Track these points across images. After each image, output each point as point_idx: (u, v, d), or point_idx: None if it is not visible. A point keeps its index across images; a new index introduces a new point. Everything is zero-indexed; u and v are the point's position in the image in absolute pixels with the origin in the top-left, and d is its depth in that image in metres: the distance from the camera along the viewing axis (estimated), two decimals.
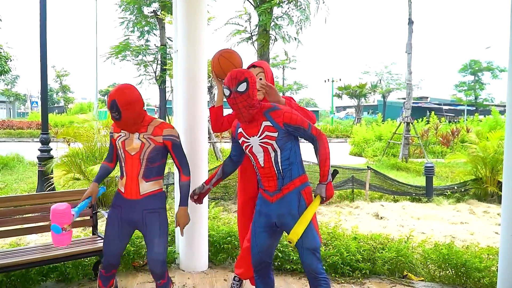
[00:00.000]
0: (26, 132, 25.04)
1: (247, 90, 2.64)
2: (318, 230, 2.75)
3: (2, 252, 3.59)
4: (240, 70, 2.69)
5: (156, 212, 2.87)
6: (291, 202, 2.71)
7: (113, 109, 2.69)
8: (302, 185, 2.74)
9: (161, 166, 2.93)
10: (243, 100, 2.64)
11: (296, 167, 2.75)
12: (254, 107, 2.68)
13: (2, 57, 15.02)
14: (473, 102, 43.15)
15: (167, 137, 2.84)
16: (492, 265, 3.98)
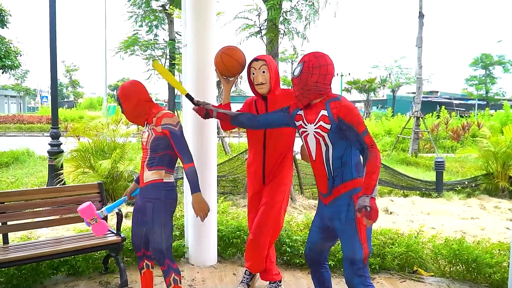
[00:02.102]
0: (36, 126, 25.22)
1: (300, 74, 2.58)
2: (364, 241, 2.51)
3: (13, 245, 3.63)
4: (307, 54, 2.62)
5: (150, 202, 2.91)
6: (341, 206, 2.55)
7: (117, 102, 3.00)
8: (355, 189, 2.54)
9: (163, 157, 2.92)
10: (297, 84, 2.61)
11: (349, 169, 2.56)
12: (309, 93, 2.58)
13: (12, 52, 15.09)
14: (484, 96, 42.73)
15: (165, 126, 2.87)
16: (504, 260, 3.95)
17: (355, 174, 2.56)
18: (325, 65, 2.56)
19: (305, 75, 2.56)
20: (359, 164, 2.59)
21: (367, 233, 2.52)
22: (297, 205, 7.45)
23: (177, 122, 2.89)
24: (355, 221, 2.50)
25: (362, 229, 2.50)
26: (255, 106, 3.36)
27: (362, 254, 2.50)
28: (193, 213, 4.17)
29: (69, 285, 3.78)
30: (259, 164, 3.36)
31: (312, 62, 2.55)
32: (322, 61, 2.56)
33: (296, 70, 2.61)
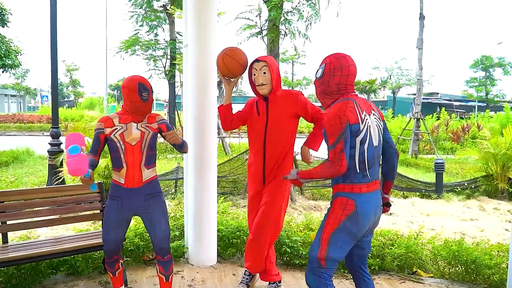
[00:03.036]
0: (36, 126, 25.23)
1: (322, 76, 2.57)
2: (324, 242, 2.51)
3: (13, 245, 3.62)
4: (329, 55, 2.61)
5: (157, 195, 3.10)
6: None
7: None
8: (336, 194, 2.55)
9: (155, 153, 3.14)
10: (319, 86, 2.60)
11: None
12: (332, 94, 2.56)
13: (12, 51, 15.08)
14: (484, 98, 42.73)
15: (161, 121, 3.12)
16: (502, 262, 3.95)
17: (340, 179, 2.53)
18: (346, 66, 2.54)
19: (327, 77, 2.55)
20: (348, 170, 2.49)
21: (331, 239, 2.49)
22: (297, 205, 7.46)
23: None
24: (324, 222, 2.55)
25: (326, 231, 2.51)
26: (256, 107, 3.37)
27: (316, 254, 2.51)
28: (193, 213, 4.20)
29: (69, 284, 3.78)
30: (260, 164, 3.37)
31: (334, 63, 2.54)
32: (344, 62, 2.54)
33: (318, 72, 2.60)
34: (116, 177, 3.05)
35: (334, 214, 2.51)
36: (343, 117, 2.40)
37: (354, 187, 2.48)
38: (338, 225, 2.48)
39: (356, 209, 2.46)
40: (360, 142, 2.45)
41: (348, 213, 2.47)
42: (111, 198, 3.06)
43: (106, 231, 3.08)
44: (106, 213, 3.07)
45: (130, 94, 2.96)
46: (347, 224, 2.47)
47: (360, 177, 2.47)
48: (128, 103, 3.00)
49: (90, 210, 4.02)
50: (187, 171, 4.33)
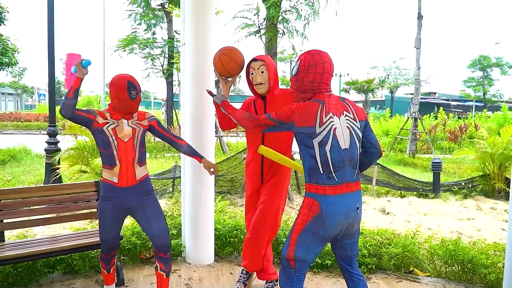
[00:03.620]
0: (33, 124, 25.22)
1: (296, 73, 2.53)
2: (292, 242, 2.49)
3: (10, 243, 3.62)
4: (304, 52, 2.55)
5: (151, 193, 3.09)
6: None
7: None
8: (306, 193, 2.52)
9: (145, 150, 3.14)
10: (294, 83, 2.57)
11: (305, 172, 2.52)
12: (305, 92, 2.53)
13: (10, 49, 15.05)
14: (482, 98, 42.85)
15: (151, 118, 3.14)
16: (499, 261, 3.96)
17: (307, 178, 2.50)
18: (321, 63, 2.48)
19: (301, 74, 2.50)
20: (312, 170, 2.46)
21: (298, 239, 2.47)
22: (295, 204, 7.46)
23: None
24: (294, 222, 2.52)
25: (295, 230, 2.49)
26: (254, 106, 3.37)
27: (286, 252, 2.51)
28: (190, 212, 4.20)
29: (66, 283, 3.78)
30: (258, 162, 3.37)
31: (308, 60, 2.49)
32: (318, 59, 2.48)
33: (293, 69, 2.57)
34: (108, 175, 2.96)
35: (301, 214, 2.48)
36: (296, 116, 2.44)
37: (318, 188, 2.43)
38: (304, 226, 2.45)
39: (321, 211, 2.41)
40: (319, 144, 2.40)
41: (313, 214, 2.43)
42: (104, 199, 2.98)
43: (104, 231, 3.04)
44: (102, 216, 3.01)
45: (119, 92, 2.92)
46: (313, 225, 2.43)
47: (325, 179, 2.42)
48: (116, 101, 2.94)
49: (87, 208, 4.01)
50: (184, 170, 4.33)
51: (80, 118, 2.89)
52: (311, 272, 4.11)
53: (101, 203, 3.01)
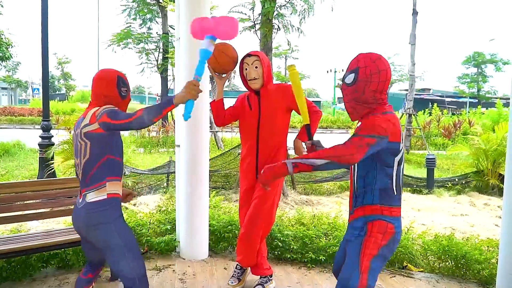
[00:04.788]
0: (27, 119, 25.06)
1: (356, 82, 2.22)
2: (364, 271, 2.20)
3: (3, 238, 3.60)
4: (357, 57, 2.26)
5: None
6: (355, 229, 2.33)
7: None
8: (373, 216, 2.27)
9: None
10: (350, 93, 2.26)
11: (371, 193, 2.27)
12: (365, 104, 2.23)
13: (3, 43, 14.95)
14: (476, 94, 43.01)
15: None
16: (492, 257, 3.99)
17: (376, 200, 2.26)
18: (384, 70, 2.21)
19: (362, 84, 2.20)
20: (385, 191, 2.26)
21: (371, 266, 2.22)
22: (289, 200, 7.47)
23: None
24: (361, 246, 2.26)
25: (367, 256, 2.23)
26: (248, 102, 3.36)
27: (357, 283, 2.19)
28: (184, 207, 4.19)
29: (59, 278, 3.77)
30: (253, 158, 3.37)
31: (370, 68, 2.19)
32: (381, 65, 2.21)
33: (349, 77, 2.25)
34: (116, 188, 2.46)
35: (373, 238, 2.24)
36: (388, 130, 2.14)
37: (392, 210, 2.27)
38: (378, 251, 2.24)
39: (395, 234, 2.27)
40: (398, 162, 2.24)
41: (388, 237, 2.25)
42: (122, 216, 2.51)
43: (140, 261, 2.49)
44: (129, 239, 2.45)
45: (107, 87, 2.49)
46: (386, 250, 2.25)
47: (397, 200, 2.28)
48: (102, 98, 2.49)
49: None
50: (179, 165, 4.32)
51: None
52: (305, 267, 4.13)
53: (120, 222, 2.47)
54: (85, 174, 2.41)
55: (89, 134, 2.36)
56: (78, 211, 2.46)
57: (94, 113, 2.38)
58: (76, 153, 2.46)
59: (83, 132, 2.38)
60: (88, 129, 2.37)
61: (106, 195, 2.40)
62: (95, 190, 2.40)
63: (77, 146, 2.44)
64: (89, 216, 2.39)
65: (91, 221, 2.38)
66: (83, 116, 2.44)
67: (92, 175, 2.39)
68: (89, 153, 2.38)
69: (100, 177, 2.39)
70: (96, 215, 2.38)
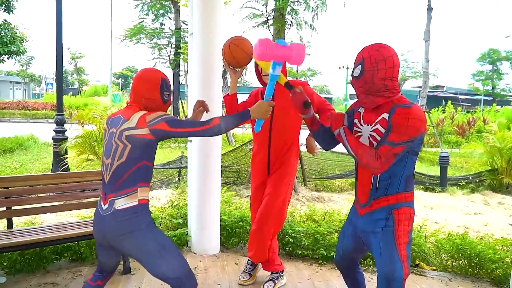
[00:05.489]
0: (41, 113, 25.33)
1: (363, 73, 2.22)
2: (405, 259, 2.23)
3: (17, 230, 3.64)
4: (362, 50, 2.27)
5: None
6: (378, 221, 2.29)
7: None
8: (398, 204, 2.26)
9: None
10: (360, 85, 2.25)
11: (397, 182, 2.26)
12: (378, 93, 2.22)
13: (18, 38, 15.10)
14: (490, 92, 42.49)
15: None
16: (506, 256, 3.94)
17: (402, 188, 2.27)
18: (390, 56, 2.19)
19: (369, 74, 2.19)
20: (409, 178, 2.27)
21: (408, 253, 2.26)
22: (300, 196, 7.46)
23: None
24: (394, 236, 2.25)
25: (402, 245, 2.24)
26: (261, 97, 3.35)
27: (403, 274, 2.20)
28: (196, 202, 4.20)
29: (72, 270, 3.80)
30: (265, 154, 3.35)
31: (375, 56, 2.18)
32: (386, 52, 2.19)
33: (356, 70, 2.26)
34: (145, 195, 2.34)
35: (402, 226, 2.25)
36: (423, 125, 2.16)
37: (412, 196, 2.31)
38: (408, 238, 2.28)
39: (414, 218, 2.33)
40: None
41: (411, 222, 2.30)
42: (153, 221, 2.40)
43: (181, 259, 2.39)
44: (164, 241, 2.36)
45: (150, 90, 2.37)
46: (411, 234, 2.31)
47: (413, 186, 2.33)
48: (143, 100, 2.38)
49: (94, 197, 4.02)
50: (191, 160, 4.33)
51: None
52: (317, 264, 4.11)
53: (154, 227, 2.36)
54: (117, 177, 2.27)
55: (133, 138, 2.24)
56: (103, 219, 2.29)
57: (144, 118, 2.25)
58: (107, 153, 2.31)
59: (125, 134, 2.25)
60: (132, 133, 2.24)
61: (137, 201, 2.28)
62: (125, 196, 2.26)
63: (110, 145, 2.30)
64: (120, 224, 2.25)
65: (124, 230, 2.25)
66: (124, 116, 2.31)
67: (124, 179, 2.26)
68: (127, 156, 2.25)
69: (133, 182, 2.27)
70: (128, 222, 2.25)
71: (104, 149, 2.36)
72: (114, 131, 2.31)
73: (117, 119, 2.34)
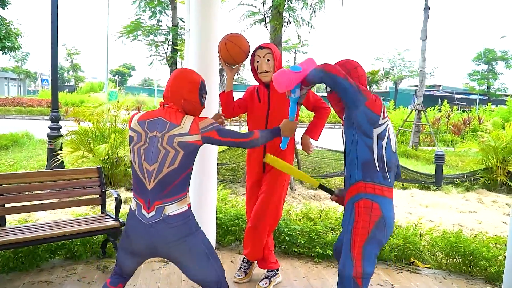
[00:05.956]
0: (36, 110, 25.18)
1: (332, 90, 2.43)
2: (358, 258, 2.24)
3: (11, 228, 3.62)
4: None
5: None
6: (346, 213, 2.36)
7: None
8: (357, 196, 2.29)
9: None
10: (333, 99, 2.50)
11: (355, 169, 2.29)
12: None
13: (13, 34, 14.97)
14: (486, 91, 42.66)
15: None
16: (500, 254, 3.97)
17: (360, 175, 2.29)
18: (354, 68, 2.41)
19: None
20: (367, 165, 2.28)
21: (364, 252, 2.24)
22: (296, 194, 7.46)
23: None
24: (351, 233, 2.28)
25: (358, 243, 2.25)
26: (257, 94, 3.34)
27: (351, 272, 2.22)
28: (192, 200, 4.16)
29: (67, 268, 3.79)
30: (260, 152, 3.35)
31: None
32: (349, 66, 2.42)
33: (328, 87, 2.44)
34: (189, 199, 2.37)
35: (361, 222, 2.26)
36: (370, 95, 2.28)
37: (376, 188, 2.27)
38: (368, 235, 2.25)
39: (383, 215, 2.26)
40: (378, 136, 2.28)
41: (375, 219, 2.25)
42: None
43: (220, 261, 2.45)
44: (209, 244, 2.40)
45: (190, 92, 2.34)
46: (376, 232, 2.25)
47: (381, 178, 2.28)
48: (182, 101, 2.34)
49: (89, 194, 4.01)
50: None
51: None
52: (312, 262, 4.12)
53: (201, 230, 2.41)
54: (167, 184, 2.22)
55: (186, 144, 2.20)
56: (150, 227, 2.23)
57: (197, 124, 2.24)
58: (151, 158, 2.23)
59: (178, 140, 2.20)
60: (186, 139, 2.20)
61: (187, 205, 2.30)
62: (176, 201, 2.24)
63: (157, 151, 2.22)
64: (174, 230, 2.23)
65: (177, 235, 2.23)
66: (172, 120, 2.25)
67: (175, 185, 2.23)
68: (179, 163, 2.21)
69: (183, 188, 2.27)
70: (182, 227, 2.24)
71: (144, 154, 2.25)
72: (159, 135, 2.23)
73: (161, 123, 2.26)
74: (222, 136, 2.29)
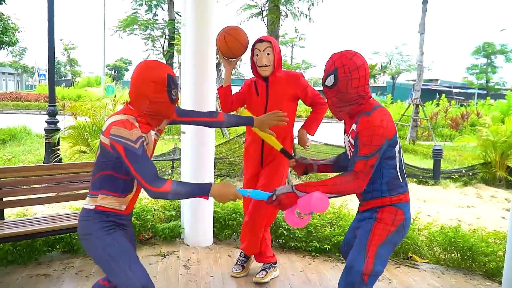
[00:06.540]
0: (33, 104, 25.10)
1: (336, 83, 2.21)
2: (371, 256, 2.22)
3: (9, 221, 3.61)
4: (332, 58, 2.25)
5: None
6: (365, 218, 2.37)
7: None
8: (383, 206, 2.31)
9: None
10: (333, 95, 2.25)
11: (379, 189, 2.31)
12: (349, 103, 2.25)
13: (10, 29, 14.94)
14: (484, 85, 42.62)
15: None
16: (499, 249, 3.96)
17: (386, 193, 2.31)
18: (362, 64, 2.22)
19: (343, 83, 2.20)
20: (392, 182, 2.31)
21: (379, 251, 2.25)
22: None
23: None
24: (370, 232, 2.29)
25: (374, 242, 2.26)
26: (255, 88, 3.32)
27: (362, 267, 2.21)
28: None
29: (64, 262, 3.78)
30: (258, 146, 3.34)
31: (349, 65, 2.19)
32: (358, 61, 2.21)
33: (328, 79, 2.24)
34: (116, 204, 2.15)
35: (382, 224, 2.28)
36: (386, 129, 2.17)
37: (401, 197, 2.32)
38: (387, 237, 2.27)
39: (405, 218, 2.30)
40: (398, 151, 2.29)
41: (398, 224, 2.28)
42: (118, 227, 2.18)
43: (138, 269, 2.11)
44: (124, 248, 2.12)
45: (156, 92, 2.05)
46: (395, 236, 2.28)
47: (404, 186, 2.34)
48: (148, 104, 2.06)
49: (87, 189, 3.99)
50: (184, 152, 4.31)
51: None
52: (310, 256, 4.12)
53: (112, 233, 2.14)
54: (92, 175, 2.19)
55: (101, 144, 2.07)
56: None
57: (111, 127, 2.00)
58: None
59: (100, 138, 2.08)
60: (102, 139, 2.06)
61: (94, 206, 2.16)
62: (90, 196, 2.19)
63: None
64: (80, 223, 2.24)
65: (80, 230, 2.22)
66: (109, 117, 2.12)
67: (94, 180, 2.17)
68: (97, 160, 2.12)
69: (99, 187, 2.15)
70: (83, 223, 2.19)
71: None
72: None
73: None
74: (129, 161, 1.97)
